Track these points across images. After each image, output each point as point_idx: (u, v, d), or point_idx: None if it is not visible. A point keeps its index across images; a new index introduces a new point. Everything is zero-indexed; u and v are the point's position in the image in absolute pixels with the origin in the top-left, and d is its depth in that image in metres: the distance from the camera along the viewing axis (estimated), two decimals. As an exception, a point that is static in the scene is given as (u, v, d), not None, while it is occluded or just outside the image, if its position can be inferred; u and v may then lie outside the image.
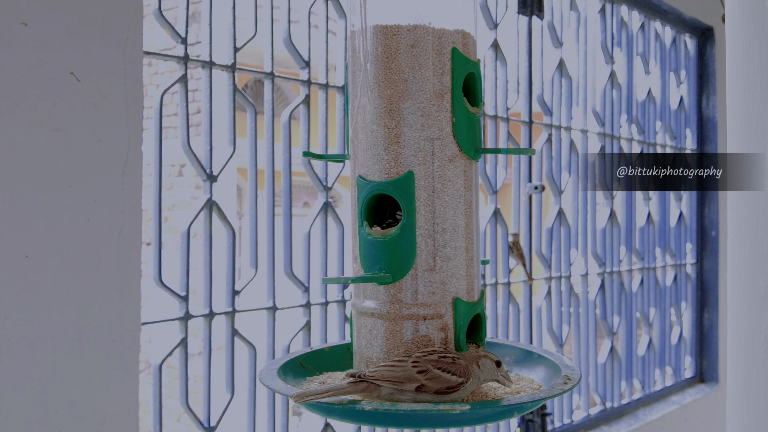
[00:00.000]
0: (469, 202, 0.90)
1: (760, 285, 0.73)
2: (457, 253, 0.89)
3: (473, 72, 0.91)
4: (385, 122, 0.88)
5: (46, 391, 1.23)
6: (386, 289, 0.88)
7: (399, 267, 0.87)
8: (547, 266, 2.47)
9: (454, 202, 0.88)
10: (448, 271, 0.88)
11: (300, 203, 8.39)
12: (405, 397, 0.80)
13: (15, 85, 1.20)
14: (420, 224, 0.87)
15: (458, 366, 0.81)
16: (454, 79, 0.88)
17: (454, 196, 0.88)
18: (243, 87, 7.22)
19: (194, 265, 1.63)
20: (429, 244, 0.87)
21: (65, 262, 1.26)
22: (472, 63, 0.91)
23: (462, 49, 0.90)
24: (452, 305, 0.88)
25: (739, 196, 0.76)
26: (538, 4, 2.39)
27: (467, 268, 0.89)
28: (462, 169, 0.89)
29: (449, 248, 0.88)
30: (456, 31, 0.90)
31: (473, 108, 0.91)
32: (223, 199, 4.98)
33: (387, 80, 0.88)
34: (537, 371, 0.96)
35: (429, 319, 0.87)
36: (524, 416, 2.33)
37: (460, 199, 0.89)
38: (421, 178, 0.87)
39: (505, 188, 2.44)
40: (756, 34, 0.74)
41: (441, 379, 0.80)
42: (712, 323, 3.24)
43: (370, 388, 0.80)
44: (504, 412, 0.81)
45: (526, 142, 2.38)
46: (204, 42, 1.58)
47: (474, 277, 0.91)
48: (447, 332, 0.88)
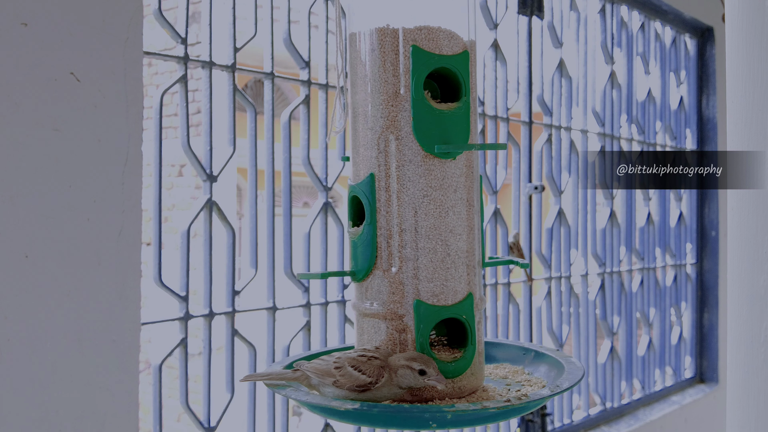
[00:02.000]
0: (439, 201, 0.88)
1: (760, 285, 0.73)
2: (419, 254, 0.88)
3: (446, 66, 0.88)
4: (354, 126, 0.92)
5: (46, 391, 1.23)
6: (357, 287, 0.92)
7: (363, 266, 0.90)
8: (547, 266, 2.47)
9: (415, 203, 0.88)
10: (408, 272, 0.88)
11: (300, 203, 8.39)
12: (327, 390, 0.84)
13: (15, 85, 1.20)
14: (381, 225, 0.89)
15: (371, 366, 0.82)
16: (415, 77, 0.87)
17: (416, 196, 0.88)
18: (243, 87, 7.22)
19: (194, 265, 1.63)
20: (390, 245, 0.88)
21: (65, 262, 1.26)
22: (442, 57, 0.88)
23: (425, 45, 0.88)
24: (413, 307, 0.88)
25: (739, 196, 0.76)
26: (538, 4, 2.39)
27: (435, 269, 0.88)
28: (425, 169, 0.88)
29: (409, 249, 0.87)
30: (418, 27, 0.88)
31: (440, 104, 0.89)
32: (223, 199, 4.98)
33: (354, 85, 0.91)
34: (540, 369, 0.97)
35: (389, 319, 0.88)
36: (524, 416, 2.33)
37: (424, 199, 0.88)
38: (381, 180, 0.88)
39: (505, 188, 2.44)
40: (756, 34, 0.74)
41: (352, 376, 0.82)
42: (712, 323, 3.24)
43: (303, 377, 0.86)
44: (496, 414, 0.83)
45: (526, 142, 2.38)
46: (204, 42, 1.58)
47: (447, 280, 0.88)
48: (407, 334, 0.88)
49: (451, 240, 0.88)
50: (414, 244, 0.88)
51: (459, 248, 0.88)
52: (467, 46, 0.90)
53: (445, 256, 0.88)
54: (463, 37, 0.90)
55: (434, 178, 0.88)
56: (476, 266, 0.91)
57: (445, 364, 0.87)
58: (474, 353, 0.89)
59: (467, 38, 0.91)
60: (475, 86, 0.92)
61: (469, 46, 0.91)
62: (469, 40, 0.91)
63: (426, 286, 0.88)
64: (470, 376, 0.89)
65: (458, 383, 0.88)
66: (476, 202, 0.91)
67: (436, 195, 0.88)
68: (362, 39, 0.90)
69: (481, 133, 2.16)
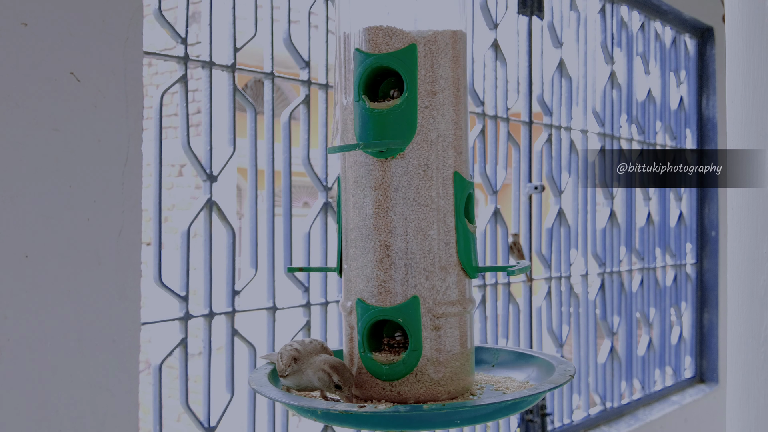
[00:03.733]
0: (379, 201, 0.86)
1: (760, 285, 0.73)
2: (360, 253, 0.88)
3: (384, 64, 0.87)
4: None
5: (46, 391, 1.23)
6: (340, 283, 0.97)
7: (337, 263, 0.94)
8: (547, 266, 2.47)
9: (358, 203, 0.88)
10: (353, 271, 0.89)
11: (300, 203, 8.39)
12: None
13: (15, 85, 1.20)
14: (343, 224, 0.92)
15: (286, 355, 0.88)
16: (355, 79, 0.88)
17: (358, 197, 0.88)
18: (243, 87, 7.22)
19: (194, 265, 1.63)
20: (346, 244, 0.91)
21: (65, 262, 1.26)
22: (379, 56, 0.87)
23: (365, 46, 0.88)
24: (355, 305, 0.89)
25: (739, 196, 0.76)
26: (538, 4, 2.39)
27: (374, 269, 0.87)
28: (366, 169, 0.88)
29: (353, 248, 0.89)
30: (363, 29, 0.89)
31: (377, 104, 0.88)
32: (223, 199, 4.97)
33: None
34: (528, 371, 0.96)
35: (344, 315, 0.91)
36: (524, 416, 2.33)
37: (365, 199, 0.87)
38: (342, 182, 0.92)
39: (505, 188, 2.44)
40: (756, 34, 0.74)
41: (278, 361, 0.89)
42: (712, 323, 3.24)
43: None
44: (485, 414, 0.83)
45: (526, 142, 2.38)
46: (204, 42, 1.58)
47: (385, 281, 0.87)
48: (353, 331, 0.89)
49: (391, 240, 0.86)
50: (357, 243, 0.88)
51: (400, 249, 0.86)
52: (415, 39, 0.87)
53: (384, 256, 0.86)
54: (410, 32, 0.87)
55: (373, 178, 0.87)
56: (429, 269, 0.87)
57: (379, 365, 0.86)
58: (417, 359, 0.85)
59: (417, 31, 0.87)
60: (430, 79, 0.87)
61: (419, 40, 0.87)
62: (420, 33, 0.87)
63: (366, 286, 0.88)
64: (414, 383, 0.86)
65: (396, 388, 0.86)
66: (436, 202, 0.87)
67: (375, 195, 0.87)
68: (336, 47, 0.93)
69: (481, 132, 2.16)
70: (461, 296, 0.88)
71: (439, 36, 0.88)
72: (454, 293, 0.87)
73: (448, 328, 0.87)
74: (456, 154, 0.88)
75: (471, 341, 0.90)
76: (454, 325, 0.87)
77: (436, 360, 0.86)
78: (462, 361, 0.88)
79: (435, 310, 0.86)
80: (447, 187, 0.87)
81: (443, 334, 0.86)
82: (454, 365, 0.87)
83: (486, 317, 2.22)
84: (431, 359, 0.86)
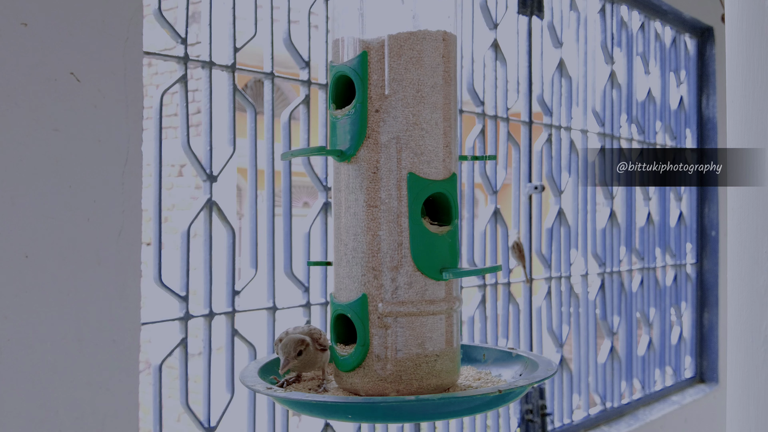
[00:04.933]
0: (338, 202, 0.92)
1: (760, 285, 0.73)
2: (335, 251, 0.94)
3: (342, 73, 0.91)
4: None
5: (46, 391, 1.23)
6: None
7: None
8: (547, 266, 2.47)
9: (335, 204, 0.93)
10: (332, 268, 0.95)
11: (300, 203, 8.39)
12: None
13: (15, 85, 1.20)
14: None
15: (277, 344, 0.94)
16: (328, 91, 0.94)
17: (335, 198, 0.93)
18: (243, 87, 7.22)
19: (194, 265, 1.63)
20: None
21: (65, 262, 1.26)
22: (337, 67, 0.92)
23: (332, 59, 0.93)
24: (330, 299, 0.95)
25: (739, 196, 0.76)
26: (538, 4, 2.39)
27: (338, 266, 0.92)
28: (335, 173, 0.93)
29: (330, 247, 0.98)
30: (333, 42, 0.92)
31: (335, 111, 0.93)
32: (223, 199, 4.98)
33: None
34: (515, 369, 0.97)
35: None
36: (524, 416, 2.33)
37: (335, 201, 0.93)
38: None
39: (505, 188, 2.44)
40: (756, 34, 0.74)
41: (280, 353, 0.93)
42: (712, 323, 3.24)
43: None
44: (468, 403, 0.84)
45: (526, 142, 2.38)
46: (204, 42, 1.58)
47: (343, 278, 0.91)
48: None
49: (348, 240, 0.90)
50: (335, 241, 0.94)
51: (354, 248, 0.89)
52: (368, 46, 0.88)
53: (343, 255, 0.91)
54: (366, 40, 0.89)
55: (338, 181, 0.92)
56: (378, 268, 0.87)
57: (337, 356, 0.92)
58: (364, 354, 0.87)
59: (371, 38, 0.89)
60: (381, 83, 0.88)
61: (372, 46, 0.88)
62: (374, 39, 0.88)
63: (335, 282, 0.93)
64: (363, 376, 0.88)
65: (350, 379, 0.90)
66: (387, 203, 0.88)
67: (338, 196, 0.92)
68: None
69: (481, 132, 2.16)
70: (419, 297, 0.87)
71: (393, 39, 0.89)
72: (407, 293, 0.87)
73: (398, 328, 0.87)
74: (414, 155, 0.88)
75: (440, 342, 0.89)
76: (406, 324, 0.87)
77: (384, 357, 0.87)
78: (420, 361, 0.88)
79: (383, 308, 0.88)
80: (400, 188, 0.88)
81: (392, 333, 0.87)
82: (406, 364, 0.87)
83: (486, 317, 2.22)
84: (379, 356, 0.88)
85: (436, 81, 0.89)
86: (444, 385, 0.90)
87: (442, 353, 0.89)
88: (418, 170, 0.87)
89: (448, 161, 0.90)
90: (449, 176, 0.90)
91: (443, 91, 0.90)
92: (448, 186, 0.90)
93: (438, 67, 0.89)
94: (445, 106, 0.90)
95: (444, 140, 0.90)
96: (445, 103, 0.90)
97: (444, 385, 0.90)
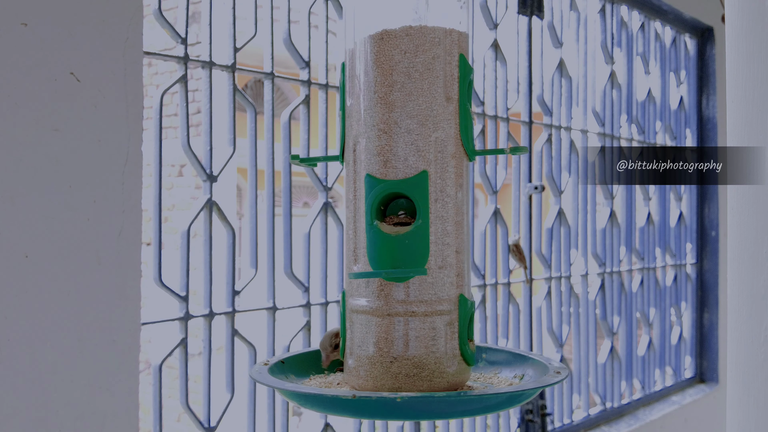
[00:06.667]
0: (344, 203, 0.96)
1: (760, 285, 0.73)
2: None
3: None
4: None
5: (46, 391, 1.23)
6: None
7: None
8: (547, 266, 2.47)
9: None
10: None
11: (300, 203, 8.39)
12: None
13: (15, 85, 1.20)
14: None
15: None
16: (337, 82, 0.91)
17: None
18: (243, 87, 7.22)
19: (194, 265, 1.63)
20: None
21: (65, 262, 1.26)
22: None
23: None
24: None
25: (739, 196, 0.76)
26: (538, 4, 2.39)
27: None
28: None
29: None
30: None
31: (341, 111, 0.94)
32: (223, 199, 4.98)
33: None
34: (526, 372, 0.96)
35: None
36: (524, 416, 2.33)
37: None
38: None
39: (505, 188, 2.44)
40: (756, 34, 0.74)
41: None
42: (712, 323, 3.24)
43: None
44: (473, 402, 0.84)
45: (526, 142, 2.38)
46: (204, 42, 1.58)
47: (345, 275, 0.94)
48: None
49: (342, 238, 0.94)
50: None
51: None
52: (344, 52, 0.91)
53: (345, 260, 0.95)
54: (347, 48, 0.90)
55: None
56: (348, 266, 0.90)
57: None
58: (343, 347, 0.91)
59: (349, 48, 0.90)
60: (349, 87, 0.90)
61: (347, 52, 0.90)
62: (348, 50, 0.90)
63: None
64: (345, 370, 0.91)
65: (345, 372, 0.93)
66: (353, 203, 0.90)
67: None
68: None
69: (481, 132, 2.16)
70: (375, 298, 0.86)
71: (359, 42, 0.89)
72: (363, 293, 0.88)
73: (358, 325, 0.88)
74: (371, 155, 0.87)
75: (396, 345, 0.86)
76: (362, 323, 0.87)
77: (350, 352, 0.89)
78: (375, 361, 0.87)
79: (348, 305, 0.90)
80: (359, 188, 0.88)
81: (354, 331, 0.89)
82: (363, 361, 0.87)
83: (486, 317, 2.22)
84: (349, 350, 0.90)
85: (396, 79, 0.87)
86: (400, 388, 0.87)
87: (400, 357, 0.86)
88: (374, 171, 0.86)
89: (413, 159, 0.86)
90: (414, 175, 0.86)
91: (405, 89, 0.87)
92: (410, 186, 0.86)
93: (398, 64, 0.87)
94: (409, 104, 0.86)
95: (408, 138, 0.86)
96: (408, 101, 0.86)
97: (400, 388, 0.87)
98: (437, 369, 0.87)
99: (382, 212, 0.88)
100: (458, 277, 0.88)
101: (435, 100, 0.88)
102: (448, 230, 0.88)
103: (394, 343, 0.86)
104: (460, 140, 0.89)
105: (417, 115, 0.87)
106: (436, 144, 0.87)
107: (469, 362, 0.89)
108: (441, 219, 0.87)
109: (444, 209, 0.87)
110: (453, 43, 0.88)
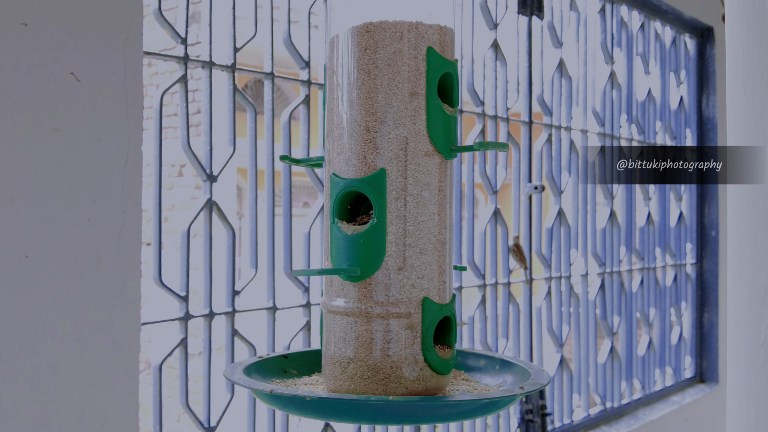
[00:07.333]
0: None
1: (760, 285, 0.73)
2: None
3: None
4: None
5: (46, 391, 1.23)
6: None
7: None
8: (547, 266, 2.47)
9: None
10: None
11: (300, 203, 8.39)
12: None
13: (15, 85, 1.20)
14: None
15: None
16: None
17: None
18: (243, 87, 7.22)
19: (194, 265, 1.63)
20: None
21: (65, 262, 1.26)
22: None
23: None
24: None
25: (739, 196, 0.76)
26: (538, 4, 2.39)
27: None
28: None
29: None
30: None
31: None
32: (223, 199, 4.98)
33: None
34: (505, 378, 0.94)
35: None
36: (524, 416, 2.33)
37: None
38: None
39: (505, 188, 2.44)
40: (756, 34, 0.74)
41: None
42: (712, 323, 3.24)
43: None
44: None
45: (526, 142, 2.38)
46: (204, 42, 1.58)
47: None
48: None
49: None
50: None
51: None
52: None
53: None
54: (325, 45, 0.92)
55: None
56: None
57: None
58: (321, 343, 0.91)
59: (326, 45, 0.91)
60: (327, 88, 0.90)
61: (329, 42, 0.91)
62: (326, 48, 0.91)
63: None
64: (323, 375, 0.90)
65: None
66: (327, 203, 0.90)
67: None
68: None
69: (481, 132, 2.16)
70: (336, 296, 0.86)
71: (329, 42, 0.90)
72: (328, 291, 0.88)
73: (325, 323, 0.88)
74: (335, 154, 0.87)
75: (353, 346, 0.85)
76: (327, 321, 0.88)
77: (325, 354, 0.89)
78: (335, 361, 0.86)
79: (321, 302, 0.90)
80: (327, 188, 0.89)
81: (324, 329, 0.89)
82: (327, 360, 0.87)
83: (486, 317, 2.22)
84: (324, 347, 0.89)
85: (357, 77, 0.86)
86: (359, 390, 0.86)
87: (356, 359, 0.85)
88: (338, 170, 0.86)
89: (372, 157, 0.84)
90: (371, 173, 0.84)
91: (365, 86, 0.85)
92: (366, 184, 0.84)
93: (359, 61, 0.85)
94: (368, 101, 0.85)
95: (366, 136, 0.85)
96: (368, 98, 0.85)
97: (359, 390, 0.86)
98: (393, 374, 0.83)
99: (349, 212, 0.87)
100: (422, 279, 0.84)
101: (395, 96, 0.85)
102: (409, 230, 0.84)
103: (350, 343, 0.85)
104: (428, 137, 0.85)
105: (375, 113, 0.84)
106: (396, 141, 0.84)
107: (437, 370, 0.85)
108: (401, 218, 0.84)
109: (405, 208, 0.84)
110: (420, 37, 0.85)
